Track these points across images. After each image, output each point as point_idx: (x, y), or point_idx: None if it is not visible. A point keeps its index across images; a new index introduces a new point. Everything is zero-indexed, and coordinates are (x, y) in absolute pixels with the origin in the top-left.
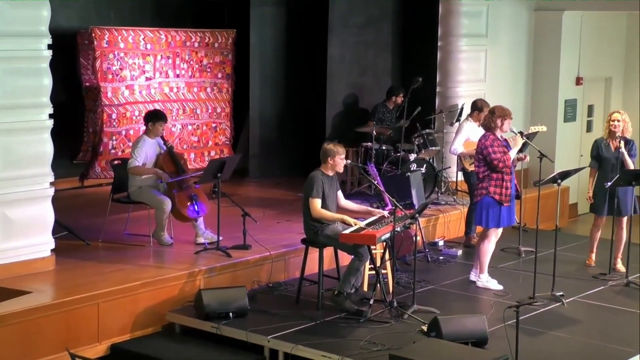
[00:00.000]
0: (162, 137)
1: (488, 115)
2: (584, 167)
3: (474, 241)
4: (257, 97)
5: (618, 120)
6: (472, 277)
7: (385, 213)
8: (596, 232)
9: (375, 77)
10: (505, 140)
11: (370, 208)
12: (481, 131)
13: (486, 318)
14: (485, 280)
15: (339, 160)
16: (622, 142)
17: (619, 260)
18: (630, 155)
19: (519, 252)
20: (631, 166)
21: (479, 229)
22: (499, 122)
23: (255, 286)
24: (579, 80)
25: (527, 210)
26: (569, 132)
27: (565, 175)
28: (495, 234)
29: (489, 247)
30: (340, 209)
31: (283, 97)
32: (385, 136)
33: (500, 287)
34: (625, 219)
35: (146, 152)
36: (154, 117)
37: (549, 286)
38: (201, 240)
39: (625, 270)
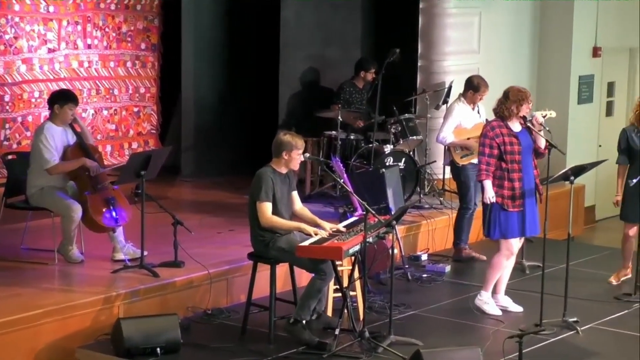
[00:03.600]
0: (72, 125)
1: (501, 100)
2: (603, 161)
3: (466, 253)
4: (191, 73)
5: None
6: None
7: (340, 227)
8: (626, 242)
9: (341, 47)
10: (527, 127)
11: (323, 222)
12: (475, 115)
13: (482, 351)
14: (484, 299)
15: (295, 155)
16: None
17: None
18: None
19: (522, 267)
20: None
21: (472, 238)
22: (514, 108)
23: (190, 314)
24: (596, 52)
25: None
26: (585, 117)
27: (579, 170)
28: (506, 247)
29: (500, 262)
30: (296, 216)
31: (224, 74)
32: (355, 125)
33: (499, 313)
34: None
35: (55, 144)
36: (61, 99)
37: (560, 310)
38: (120, 256)
39: None
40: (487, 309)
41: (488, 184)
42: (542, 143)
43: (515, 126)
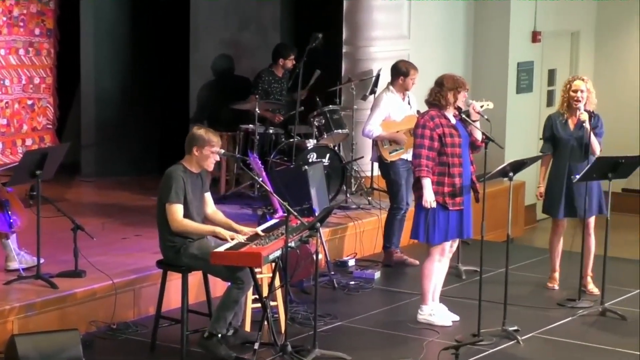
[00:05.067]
0: None
1: (435, 89)
2: (544, 155)
3: (397, 257)
4: (91, 62)
5: (581, 91)
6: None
7: (258, 231)
8: (557, 242)
9: (258, 32)
10: (461, 119)
11: (238, 226)
12: (405, 106)
13: None
14: (427, 312)
15: (208, 152)
16: (587, 117)
17: (589, 279)
18: (595, 135)
19: (458, 272)
20: (597, 149)
21: (404, 241)
22: (450, 96)
23: (93, 329)
24: (535, 37)
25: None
26: (524, 107)
27: (519, 166)
28: (439, 252)
29: (432, 269)
30: (209, 219)
31: (128, 62)
32: (275, 119)
33: (450, 323)
34: (592, 222)
35: None
36: None
37: (499, 319)
38: (14, 265)
39: (599, 293)
40: (435, 321)
41: (428, 183)
42: (478, 135)
43: (451, 117)
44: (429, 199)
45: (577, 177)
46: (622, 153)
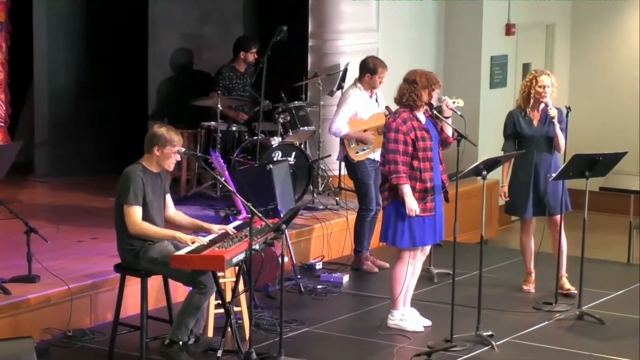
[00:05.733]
0: None
1: (406, 88)
2: (519, 152)
3: (368, 267)
4: (45, 56)
5: (548, 86)
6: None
7: (229, 228)
8: (528, 242)
9: (220, 25)
10: (431, 116)
11: (207, 224)
12: (373, 104)
13: None
14: (398, 317)
15: (169, 151)
16: (553, 110)
17: (564, 279)
18: (561, 130)
19: (430, 275)
20: (562, 143)
21: (374, 243)
22: (425, 95)
23: (48, 336)
24: (509, 29)
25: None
26: (498, 103)
27: (493, 164)
28: (411, 255)
29: (402, 273)
30: (171, 221)
31: (84, 57)
32: (237, 117)
33: (422, 329)
34: (559, 219)
35: None
36: None
37: (473, 323)
38: None
39: (576, 292)
40: (406, 326)
41: (409, 190)
42: (450, 132)
43: (422, 116)
44: (413, 207)
45: (554, 175)
46: (598, 149)
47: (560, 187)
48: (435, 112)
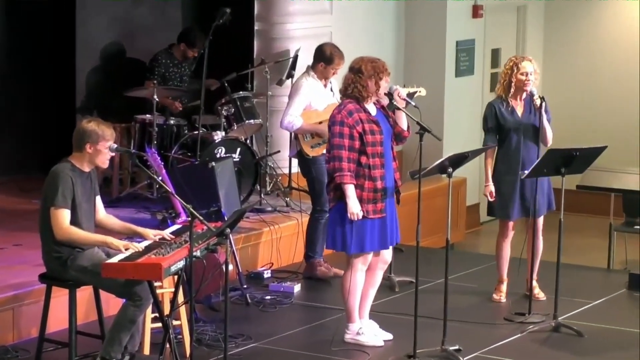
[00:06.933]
0: None
1: (351, 77)
2: (489, 147)
3: (322, 273)
4: None
5: (530, 73)
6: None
7: (166, 234)
8: (505, 248)
9: (156, 7)
10: (382, 107)
11: (142, 229)
12: (328, 93)
13: None
14: (355, 331)
15: (103, 148)
16: (539, 99)
17: (535, 284)
18: (547, 121)
19: (391, 284)
20: (550, 136)
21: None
22: (371, 85)
23: None
24: (477, 11)
25: (402, 218)
26: (465, 92)
27: (459, 160)
28: (362, 261)
29: (355, 282)
30: (102, 226)
31: (2, 45)
32: (174, 108)
33: (381, 343)
34: (541, 221)
35: None
36: None
37: (439, 337)
38: None
39: (544, 298)
40: (364, 341)
41: (352, 191)
42: (404, 123)
43: (371, 108)
44: (355, 210)
45: (526, 172)
46: (575, 143)
47: (545, 184)
48: (395, 103)
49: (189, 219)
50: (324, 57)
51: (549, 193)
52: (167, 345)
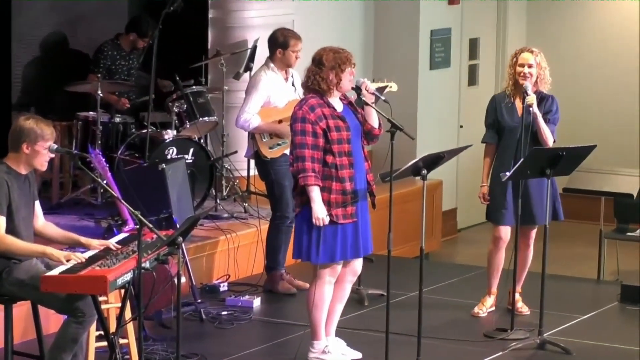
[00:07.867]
0: None
1: (312, 69)
2: (466, 147)
3: (284, 288)
4: None
5: (529, 65)
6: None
7: (111, 243)
8: (495, 255)
9: None
10: (350, 103)
11: (84, 238)
12: (289, 88)
13: None
14: (320, 350)
15: (42, 148)
16: (533, 98)
17: (518, 296)
18: (547, 122)
19: (360, 297)
20: (549, 139)
21: (291, 260)
22: (333, 77)
23: None
24: None
25: (372, 225)
26: (440, 87)
27: (434, 161)
28: (330, 273)
29: (322, 295)
30: (41, 235)
31: None
32: (120, 104)
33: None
34: (535, 231)
35: None
36: None
37: (412, 355)
38: None
39: (528, 312)
40: None
41: (317, 193)
42: (374, 120)
43: (337, 103)
44: (320, 214)
45: (507, 174)
46: (562, 142)
47: (546, 190)
48: (363, 98)
49: (137, 226)
50: (279, 43)
51: (554, 199)
52: None
